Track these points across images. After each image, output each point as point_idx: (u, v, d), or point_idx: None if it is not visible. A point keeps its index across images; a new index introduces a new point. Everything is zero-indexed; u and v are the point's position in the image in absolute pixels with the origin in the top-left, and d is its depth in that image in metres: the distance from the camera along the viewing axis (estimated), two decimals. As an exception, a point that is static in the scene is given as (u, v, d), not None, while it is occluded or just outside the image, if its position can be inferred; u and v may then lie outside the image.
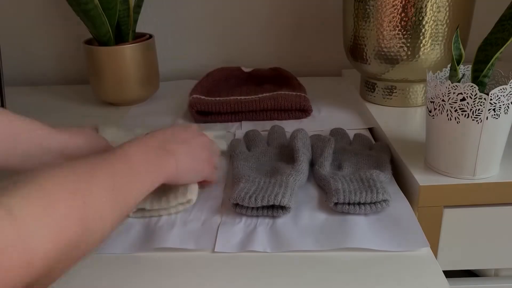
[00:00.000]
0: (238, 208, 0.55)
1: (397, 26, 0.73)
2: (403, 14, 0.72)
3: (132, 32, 0.90)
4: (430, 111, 0.57)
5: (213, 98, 0.85)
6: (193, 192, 0.56)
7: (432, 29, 0.73)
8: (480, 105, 0.53)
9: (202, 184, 0.60)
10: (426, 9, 0.71)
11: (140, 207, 0.54)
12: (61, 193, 0.35)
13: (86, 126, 0.64)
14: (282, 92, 0.84)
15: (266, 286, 0.45)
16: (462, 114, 0.54)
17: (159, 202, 0.55)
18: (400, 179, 0.63)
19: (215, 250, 0.50)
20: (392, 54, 0.76)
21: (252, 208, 0.54)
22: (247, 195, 0.54)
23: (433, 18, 0.72)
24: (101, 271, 0.48)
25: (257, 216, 0.55)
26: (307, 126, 0.78)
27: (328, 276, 0.46)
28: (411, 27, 0.73)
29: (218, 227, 0.54)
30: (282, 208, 0.54)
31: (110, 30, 0.85)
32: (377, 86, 0.83)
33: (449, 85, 0.54)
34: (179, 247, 0.50)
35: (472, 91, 0.52)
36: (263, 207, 0.54)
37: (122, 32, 0.89)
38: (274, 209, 0.54)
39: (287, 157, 0.66)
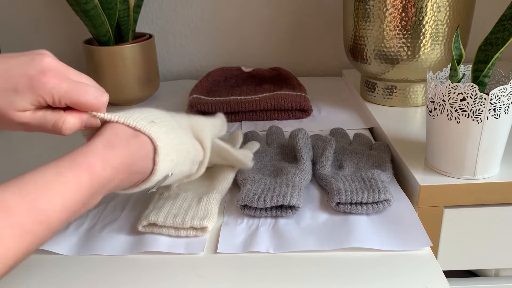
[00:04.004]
0: (246, 209, 0.55)
1: (397, 26, 0.73)
2: (403, 14, 0.72)
3: (132, 32, 0.90)
4: (430, 111, 0.58)
5: (213, 98, 0.85)
6: (211, 220, 0.52)
7: (432, 29, 0.73)
8: (481, 105, 0.53)
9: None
10: (426, 9, 0.71)
11: (153, 221, 0.51)
12: None
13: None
14: (282, 92, 0.84)
15: (269, 287, 0.45)
16: (462, 114, 0.54)
17: (174, 219, 0.52)
18: (401, 179, 0.63)
19: (218, 251, 0.50)
20: (392, 54, 0.76)
21: (261, 209, 0.54)
22: (255, 196, 0.54)
23: (433, 18, 0.72)
24: (98, 272, 0.48)
25: (266, 217, 0.55)
26: (307, 126, 0.78)
27: (329, 276, 0.46)
28: (411, 27, 0.73)
29: (220, 228, 0.54)
30: (291, 207, 0.54)
31: (110, 30, 0.84)
32: (377, 86, 0.83)
33: (449, 85, 0.54)
34: (168, 251, 0.50)
35: (472, 91, 0.52)
36: (271, 208, 0.54)
37: (122, 32, 0.89)
38: (283, 209, 0.54)
39: (288, 157, 0.66)
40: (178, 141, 0.47)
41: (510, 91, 0.52)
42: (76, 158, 0.39)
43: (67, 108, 0.43)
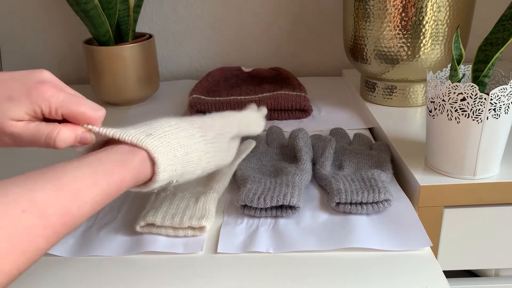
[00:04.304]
0: (246, 209, 0.55)
1: (398, 26, 0.73)
2: (403, 14, 0.72)
3: (132, 32, 0.90)
4: (431, 111, 0.57)
5: (213, 98, 0.85)
6: (209, 220, 0.52)
7: (432, 29, 0.73)
8: (481, 105, 0.53)
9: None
10: (426, 9, 0.71)
11: (151, 221, 0.52)
12: None
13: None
14: (282, 92, 0.84)
15: (269, 287, 0.45)
16: (462, 114, 0.54)
17: (172, 219, 0.52)
18: (401, 179, 0.63)
19: (218, 251, 0.50)
20: (392, 54, 0.76)
21: (261, 209, 0.54)
22: (255, 196, 0.54)
23: (433, 18, 0.72)
24: (96, 273, 0.48)
25: (266, 217, 0.55)
26: (307, 126, 0.78)
27: (329, 276, 0.46)
28: (412, 27, 0.73)
29: (220, 228, 0.54)
30: (291, 207, 0.54)
31: (110, 30, 0.84)
32: (377, 86, 0.83)
33: (450, 85, 0.54)
34: (167, 251, 0.50)
35: (473, 91, 0.52)
36: (271, 208, 0.54)
37: (122, 32, 0.89)
38: (283, 209, 0.54)
39: (288, 157, 0.66)
40: (184, 150, 0.46)
41: (510, 91, 0.52)
42: (115, 168, 0.40)
43: (61, 123, 0.43)
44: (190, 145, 0.47)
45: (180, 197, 0.56)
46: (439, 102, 0.55)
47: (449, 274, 0.52)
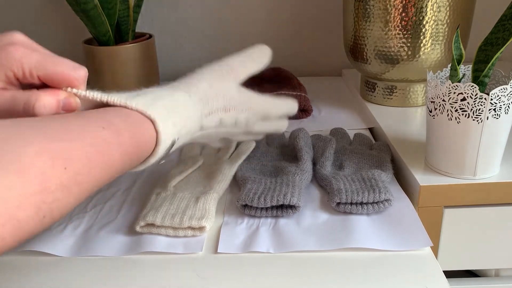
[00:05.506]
0: (246, 209, 0.55)
1: (398, 26, 0.73)
2: (403, 14, 0.72)
3: (132, 32, 0.90)
4: (431, 111, 0.57)
5: (213, 98, 0.85)
6: (209, 220, 0.52)
7: (432, 29, 0.73)
8: (481, 105, 0.53)
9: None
10: (426, 9, 0.71)
11: (151, 221, 0.52)
12: None
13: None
14: (282, 92, 0.84)
15: (269, 287, 0.45)
16: (462, 114, 0.54)
17: (172, 219, 0.52)
18: (401, 179, 0.63)
19: (218, 251, 0.50)
20: (392, 54, 0.76)
21: (262, 208, 0.54)
22: (255, 195, 0.54)
23: (433, 17, 0.72)
24: (96, 273, 0.48)
25: (266, 216, 0.55)
26: (307, 126, 0.78)
27: (330, 276, 0.46)
28: (412, 26, 0.73)
29: (221, 228, 0.54)
30: (292, 207, 0.54)
31: (110, 30, 0.84)
32: (377, 86, 0.83)
33: (450, 85, 0.54)
34: (167, 251, 0.50)
35: (473, 91, 0.52)
36: (272, 207, 0.54)
37: (122, 32, 0.89)
38: (284, 209, 0.54)
39: (288, 157, 0.66)
40: (173, 104, 0.43)
41: (510, 91, 0.52)
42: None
43: (41, 89, 0.38)
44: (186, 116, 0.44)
45: (180, 197, 0.56)
46: (439, 102, 0.55)
47: (449, 274, 0.52)
